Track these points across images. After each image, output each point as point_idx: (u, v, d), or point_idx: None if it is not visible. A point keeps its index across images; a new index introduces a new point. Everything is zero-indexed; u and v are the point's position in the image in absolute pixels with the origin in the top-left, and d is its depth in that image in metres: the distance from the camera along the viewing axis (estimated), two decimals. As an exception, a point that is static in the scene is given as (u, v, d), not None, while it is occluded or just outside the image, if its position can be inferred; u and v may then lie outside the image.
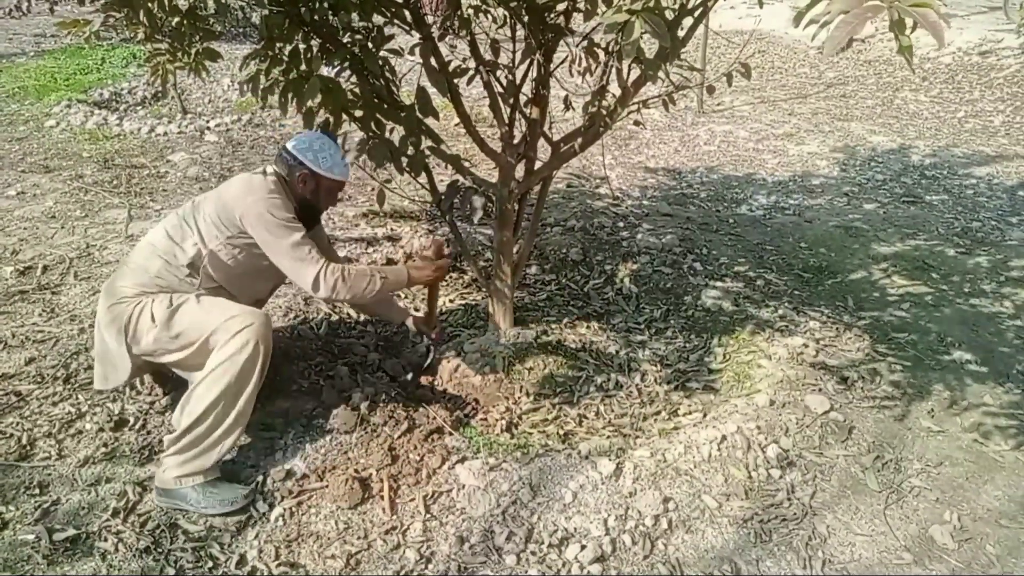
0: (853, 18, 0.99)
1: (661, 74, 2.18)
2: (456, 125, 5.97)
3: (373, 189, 4.75)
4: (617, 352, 3.03)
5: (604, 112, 2.51)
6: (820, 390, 2.74)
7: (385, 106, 2.48)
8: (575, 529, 2.06)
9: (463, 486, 2.18)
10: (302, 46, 2.45)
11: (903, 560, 2.04)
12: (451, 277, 3.59)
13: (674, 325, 3.29)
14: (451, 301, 3.39)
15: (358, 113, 2.51)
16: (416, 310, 3.13)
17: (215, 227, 2.22)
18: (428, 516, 2.09)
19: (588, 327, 3.21)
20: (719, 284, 3.59)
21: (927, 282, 3.80)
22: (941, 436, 2.58)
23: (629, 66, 2.42)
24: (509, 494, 2.15)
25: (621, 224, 4.27)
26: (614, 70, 2.47)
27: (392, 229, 4.08)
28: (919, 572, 2.01)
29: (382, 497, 2.13)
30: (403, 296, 3.38)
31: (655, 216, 4.49)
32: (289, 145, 2.31)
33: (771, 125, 6.88)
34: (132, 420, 2.48)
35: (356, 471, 2.21)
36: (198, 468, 2.08)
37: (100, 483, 2.21)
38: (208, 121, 5.92)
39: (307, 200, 2.34)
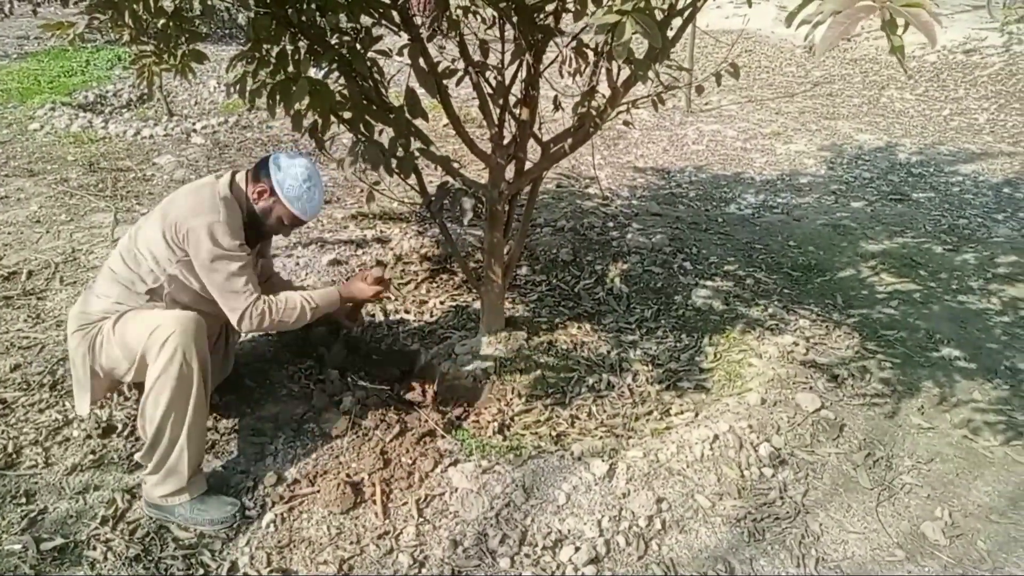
0: (845, 18, 0.99)
1: (651, 74, 2.18)
2: (445, 126, 5.96)
3: (362, 191, 4.73)
4: (608, 352, 3.02)
5: (594, 113, 2.50)
6: (811, 388, 2.75)
7: (374, 107, 2.47)
8: (569, 531, 2.05)
9: (456, 489, 2.17)
10: (289, 48, 2.43)
11: (895, 557, 2.05)
12: (441, 279, 3.58)
13: (665, 325, 3.29)
14: (441, 303, 3.38)
15: (347, 115, 2.49)
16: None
17: (168, 249, 2.10)
18: (421, 520, 2.08)
19: (579, 327, 3.20)
20: (709, 283, 3.60)
21: (915, 279, 3.82)
22: (931, 433, 2.59)
23: (619, 66, 2.42)
24: (502, 496, 2.14)
25: (611, 224, 4.27)
26: (603, 70, 2.47)
27: (381, 231, 4.06)
28: (912, 569, 2.02)
29: (374, 501, 2.11)
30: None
31: (645, 216, 4.50)
32: (271, 159, 2.24)
33: (759, 124, 6.90)
34: (120, 427, 2.45)
35: (348, 475, 2.19)
36: (178, 486, 2.05)
37: (88, 491, 2.18)
38: (194, 123, 5.88)
39: (255, 216, 2.24)
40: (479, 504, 2.11)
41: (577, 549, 1.98)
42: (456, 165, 2.80)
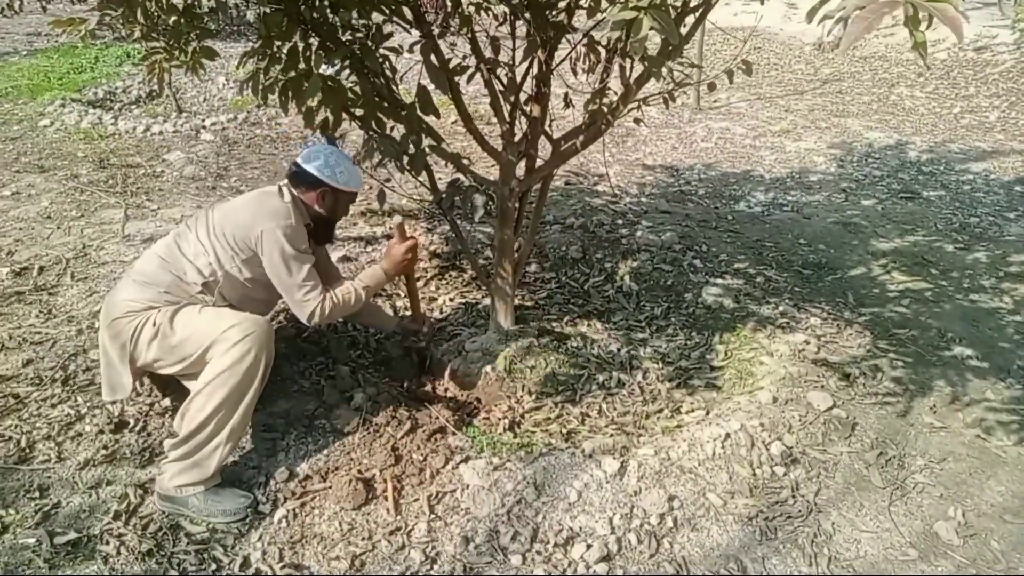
0: (869, 13, 0.98)
1: (663, 71, 2.17)
2: (453, 123, 5.95)
3: (371, 188, 4.73)
4: (618, 350, 3.02)
5: (605, 110, 2.50)
6: (822, 387, 2.73)
7: (386, 104, 2.46)
8: (580, 528, 2.05)
9: (467, 486, 2.17)
10: (300, 45, 2.43)
11: (908, 556, 2.04)
12: (451, 275, 3.58)
13: (675, 323, 3.28)
14: (451, 300, 3.38)
15: (358, 112, 2.49)
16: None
17: (231, 248, 2.22)
18: (432, 516, 2.08)
19: (589, 325, 3.20)
20: (719, 281, 3.59)
21: (926, 278, 3.80)
22: (944, 432, 2.58)
23: (631, 63, 2.41)
24: (513, 493, 2.14)
25: (620, 222, 4.26)
26: (616, 67, 2.46)
27: (391, 228, 4.06)
28: (925, 569, 2.01)
29: (386, 498, 2.11)
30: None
31: (654, 213, 4.48)
32: (304, 164, 2.33)
33: (768, 122, 6.88)
34: (132, 422, 2.46)
35: (359, 471, 2.19)
36: (198, 477, 2.06)
37: (101, 486, 2.19)
38: (204, 120, 5.89)
39: (324, 216, 2.39)
40: (490, 501, 2.11)
41: (589, 547, 1.98)
42: (465, 162, 2.80)
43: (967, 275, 3.84)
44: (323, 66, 2.40)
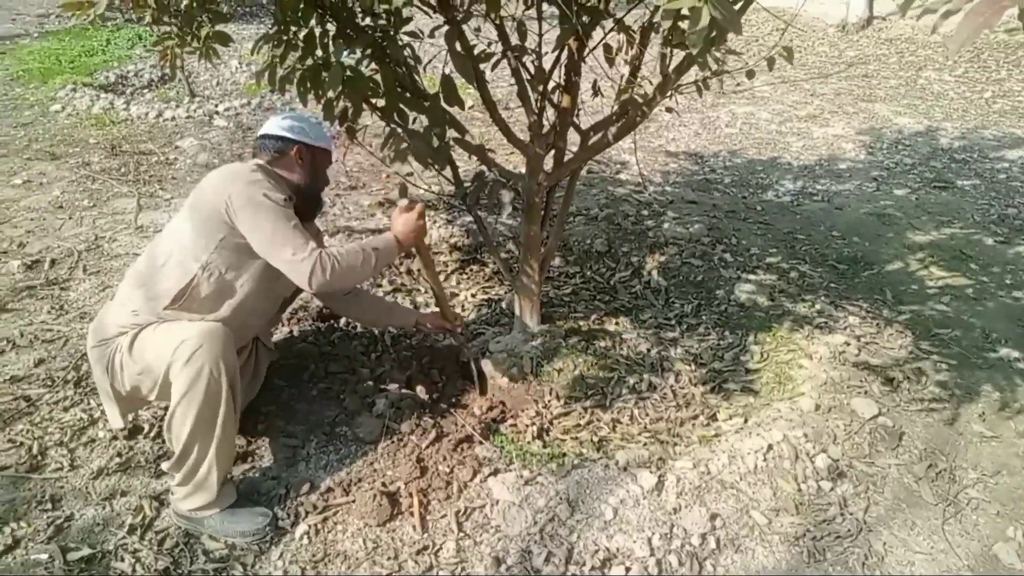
0: (986, 7, 0.84)
1: (708, 59, 2.02)
2: (470, 108, 5.79)
3: (388, 176, 4.61)
4: (648, 351, 2.89)
5: (639, 100, 2.35)
6: (866, 392, 2.60)
7: (408, 95, 2.33)
8: (618, 549, 1.94)
9: (497, 501, 2.06)
10: (318, 30, 2.29)
11: (967, 582, 1.92)
12: (471, 270, 3.46)
13: (706, 321, 3.15)
14: (473, 296, 3.26)
15: (380, 103, 2.36)
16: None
17: (204, 235, 1.95)
18: (461, 535, 1.97)
19: (617, 323, 3.07)
20: (752, 277, 3.45)
21: (966, 273, 3.64)
22: (995, 442, 2.44)
23: (671, 51, 2.27)
24: (546, 510, 2.03)
25: (645, 212, 4.12)
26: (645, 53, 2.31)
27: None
28: (984, 595, 1.89)
29: (412, 513, 2.01)
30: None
31: (680, 203, 4.34)
32: (270, 131, 2.16)
33: (793, 106, 6.68)
34: (147, 427, 2.37)
35: (383, 484, 2.09)
36: (206, 500, 1.95)
37: (115, 496, 2.10)
38: (217, 105, 5.77)
39: (306, 181, 2.18)
40: (521, 518, 2.00)
41: (627, 569, 1.87)
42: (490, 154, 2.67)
43: (1009, 270, 3.68)
44: (343, 54, 2.27)
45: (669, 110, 2.78)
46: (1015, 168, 5.27)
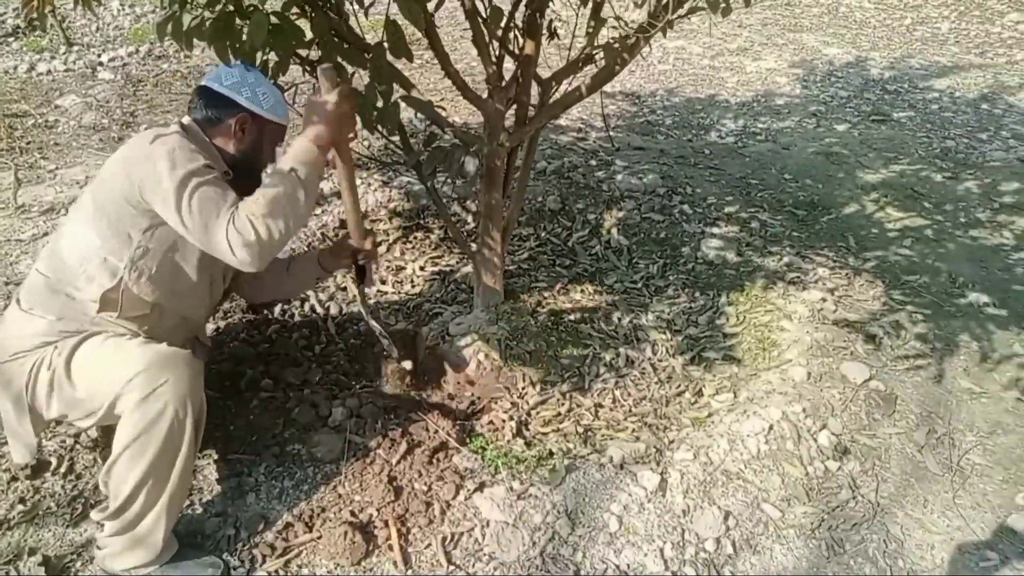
0: None
1: None
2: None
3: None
4: (620, 320, 2.67)
5: (617, 46, 2.06)
6: (852, 354, 2.47)
7: (346, 46, 1.94)
8: (628, 565, 1.73)
9: (487, 522, 1.80)
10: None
11: (990, 561, 1.82)
12: (416, 238, 3.11)
13: (674, 282, 2.95)
14: (421, 268, 2.93)
15: (312, 55, 1.95)
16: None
17: (117, 234, 1.59)
18: (451, 568, 1.71)
19: (581, 290, 2.83)
20: (715, 231, 3.25)
21: (922, 213, 3.58)
22: (984, 399, 2.37)
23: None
24: (544, 528, 1.79)
25: (594, 162, 3.84)
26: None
27: (337, 182, 3.52)
28: (1008, 573, 1.80)
29: (390, 547, 1.73)
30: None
31: (627, 151, 4.08)
32: (211, 83, 1.69)
33: (723, 39, 6.48)
34: (55, 462, 1.96)
35: (352, 514, 1.80)
36: (147, 558, 1.60)
37: (21, 557, 1.72)
38: (99, 55, 5.03)
39: (246, 154, 1.73)
40: (517, 540, 1.76)
41: (643, 589, 1.67)
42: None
43: (961, 208, 3.64)
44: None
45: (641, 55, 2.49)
46: (945, 98, 5.28)
